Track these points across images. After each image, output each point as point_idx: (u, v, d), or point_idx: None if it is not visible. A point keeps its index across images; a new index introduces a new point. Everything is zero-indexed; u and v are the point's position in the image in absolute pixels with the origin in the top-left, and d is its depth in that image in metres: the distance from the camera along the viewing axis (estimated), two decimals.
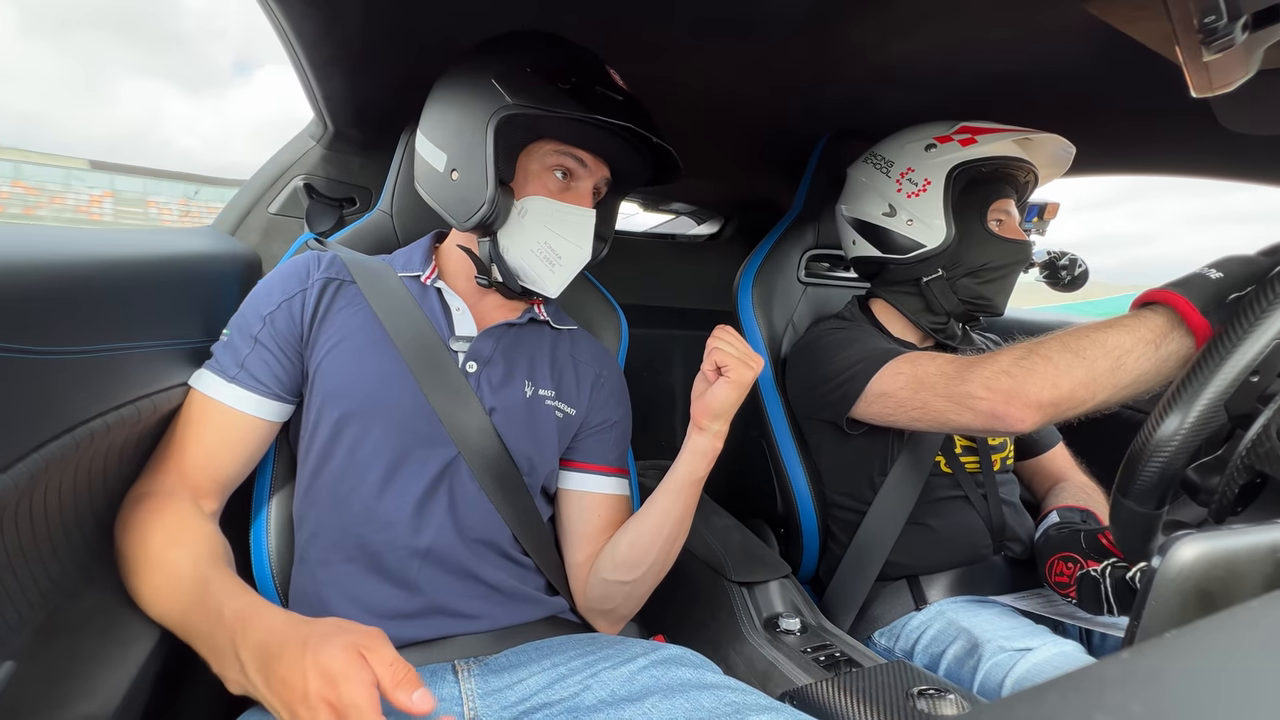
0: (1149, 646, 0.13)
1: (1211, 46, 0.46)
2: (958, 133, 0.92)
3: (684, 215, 1.87)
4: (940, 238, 0.92)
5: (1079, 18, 0.68)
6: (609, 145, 0.73)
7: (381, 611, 0.66)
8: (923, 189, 0.94)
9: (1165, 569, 0.25)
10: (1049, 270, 1.16)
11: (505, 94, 0.65)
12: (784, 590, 0.89)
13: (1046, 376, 0.66)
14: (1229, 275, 0.60)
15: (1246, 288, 0.58)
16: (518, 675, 0.63)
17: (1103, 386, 0.63)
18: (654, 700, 0.58)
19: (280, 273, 0.74)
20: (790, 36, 0.83)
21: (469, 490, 0.70)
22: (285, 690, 0.47)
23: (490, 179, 0.66)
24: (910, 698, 0.63)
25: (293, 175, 1.04)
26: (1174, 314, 0.60)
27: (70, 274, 0.52)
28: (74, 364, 0.50)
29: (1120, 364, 0.62)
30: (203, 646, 0.53)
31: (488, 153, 0.66)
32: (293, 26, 0.77)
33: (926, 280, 0.96)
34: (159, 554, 0.58)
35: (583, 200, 0.73)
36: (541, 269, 0.71)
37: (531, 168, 0.71)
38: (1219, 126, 0.84)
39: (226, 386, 0.67)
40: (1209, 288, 0.59)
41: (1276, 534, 0.24)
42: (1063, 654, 0.75)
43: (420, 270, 0.77)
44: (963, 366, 0.76)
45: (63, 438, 0.49)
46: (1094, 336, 0.64)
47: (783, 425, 1.04)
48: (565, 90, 0.66)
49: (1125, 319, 0.64)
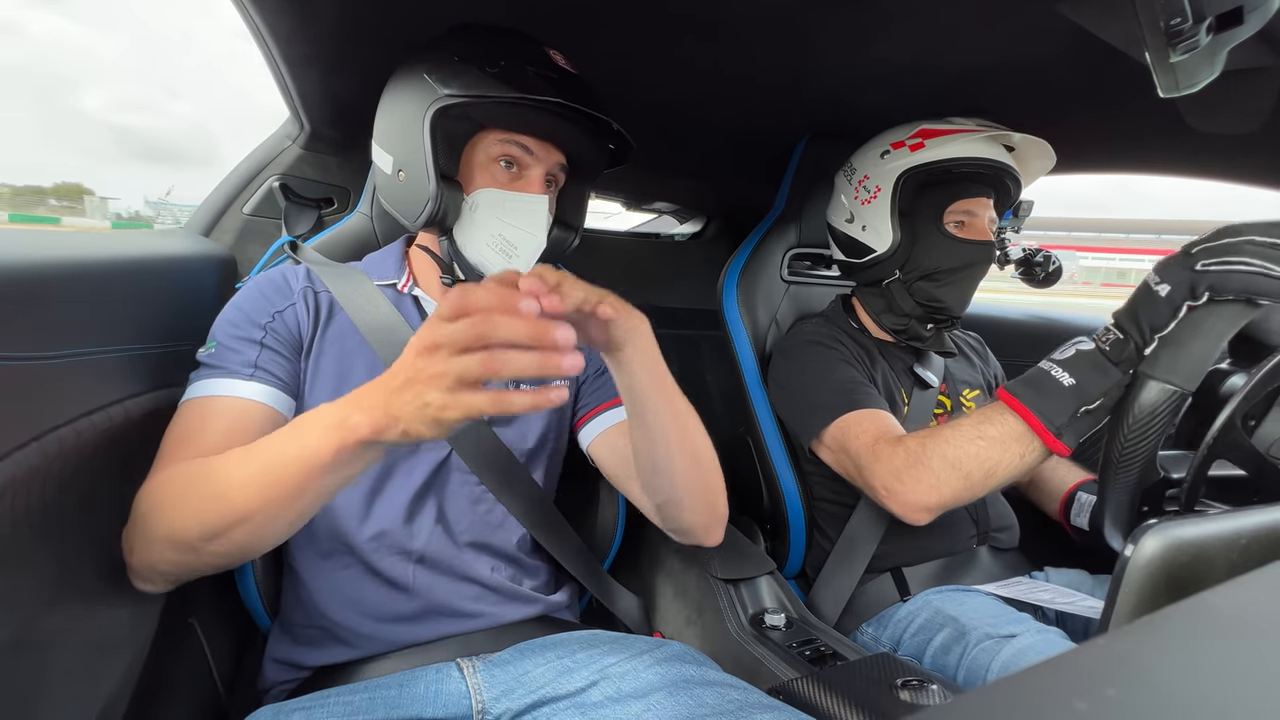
0: (1122, 632, 0.14)
1: (1178, 48, 0.47)
2: (911, 137, 0.94)
3: (666, 215, 1.87)
4: (888, 243, 0.95)
5: (1051, 18, 0.69)
6: (555, 128, 0.70)
7: (380, 615, 0.66)
8: (874, 196, 0.96)
9: (1136, 557, 0.25)
10: (1024, 267, 1.19)
11: (436, 86, 0.65)
12: (769, 586, 0.89)
13: (930, 486, 0.75)
14: (1080, 382, 0.66)
15: (1095, 401, 0.66)
16: (523, 669, 0.63)
17: (979, 490, 0.74)
18: (659, 696, 0.58)
19: (263, 285, 0.71)
20: (764, 37, 0.83)
21: (463, 488, 0.71)
22: (403, 384, 0.44)
23: (431, 174, 0.66)
24: (894, 689, 0.64)
25: (268, 175, 1.02)
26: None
27: (38, 277, 0.50)
28: (43, 369, 0.49)
29: (992, 473, 0.72)
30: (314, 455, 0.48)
31: (425, 148, 0.65)
32: (266, 23, 0.75)
33: (886, 282, 0.99)
34: (218, 464, 0.53)
35: (532, 187, 0.71)
36: (499, 260, 0.70)
37: (477, 160, 0.70)
38: (1186, 126, 0.86)
39: (245, 384, 0.63)
40: (1063, 400, 0.67)
41: (1241, 521, 0.25)
42: (1046, 640, 0.77)
43: (395, 278, 0.76)
44: (870, 457, 0.82)
45: (30, 446, 0.47)
46: (970, 449, 0.73)
47: (769, 422, 1.05)
48: (493, 74, 0.65)
49: (994, 429, 0.72)
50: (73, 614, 0.54)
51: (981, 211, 0.95)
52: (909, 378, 1.01)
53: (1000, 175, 0.93)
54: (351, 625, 0.66)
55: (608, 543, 0.95)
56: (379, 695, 0.60)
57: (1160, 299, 0.61)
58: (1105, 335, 0.66)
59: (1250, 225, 0.59)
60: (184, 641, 0.69)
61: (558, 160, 0.73)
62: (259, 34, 0.78)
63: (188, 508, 0.52)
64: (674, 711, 0.57)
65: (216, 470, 0.52)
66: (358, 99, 0.94)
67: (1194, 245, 0.61)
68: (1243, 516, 0.25)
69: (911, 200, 0.94)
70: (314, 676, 0.67)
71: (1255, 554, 0.24)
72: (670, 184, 1.60)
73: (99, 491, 0.61)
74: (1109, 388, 0.65)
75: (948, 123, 0.93)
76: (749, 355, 1.09)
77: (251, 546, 0.54)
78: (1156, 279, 0.63)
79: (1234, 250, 0.58)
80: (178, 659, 0.68)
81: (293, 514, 0.52)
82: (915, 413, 0.98)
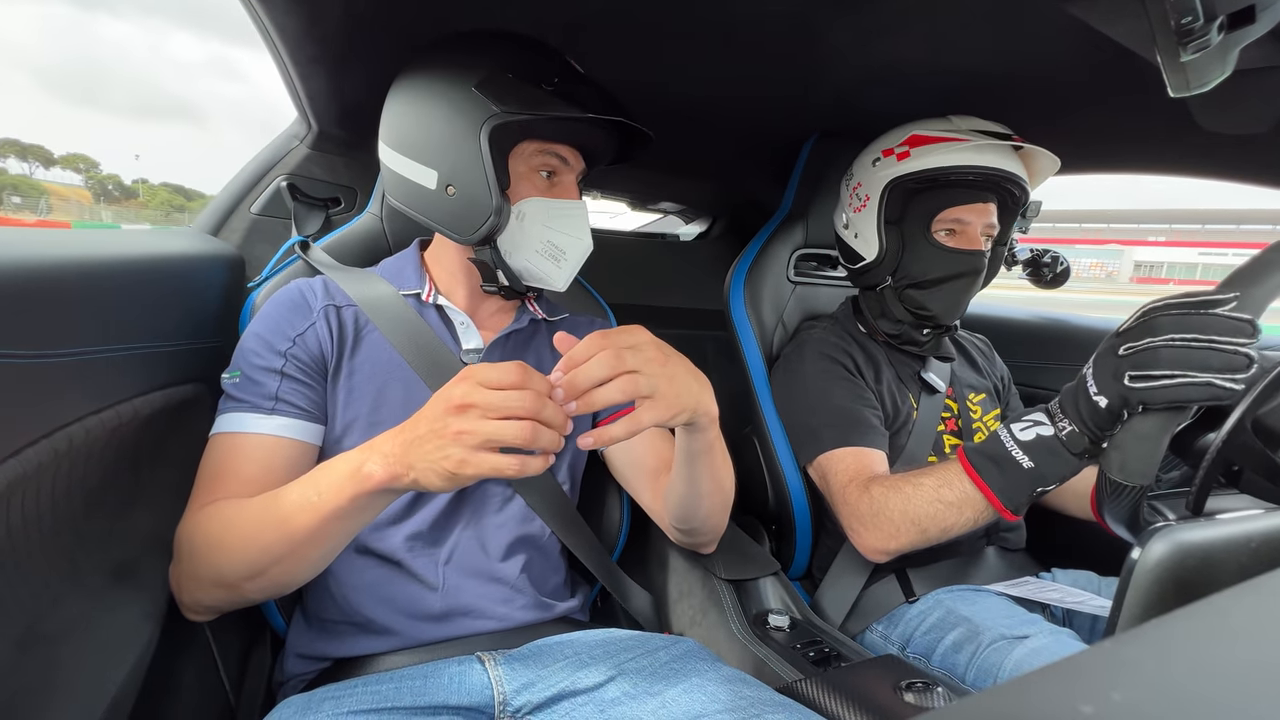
0: (1129, 636, 0.13)
1: (1188, 47, 0.47)
2: (900, 145, 0.93)
3: (672, 215, 1.87)
4: (874, 251, 0.96)
5: (1059, 17, 0.69)
6: (591, 137, 0.74)
7: (413, 612, 0.68)
8: (864, 204, 0.97)
9: (1144, 560, 0.25)
10: (1031, 268, 1.18)
11: (491, 102, 0.65)
12: (773, 587, 0.89)
13: (888, 535, 0.81)
14: (1039, 466, 0.71)
15: (1052, 484, 0.71)
16: (542, 664, 0.65)
17: (934, 542, 0.80)
18: (674, 693, 0.60)
19: (282, 305, 0.71)
20: (773, 38, 0.83)
21: (495, 493, 0.74)
22: (426, 435, 0.49)
23: (494, 191, 0.66)
24: (898, 690, 0.64)
25: (276, 175, 1.03)
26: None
27: (48, 276, 0.51)
28: (53, 367, 0.49)
29: (947, 531, 0.78)
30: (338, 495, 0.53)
31: (486, 165, 0.65)
32: (275, 24, 0.76)
33: (880, 288, 1.00)
34: (250, 510, 0.58)
35: (570, 193, 0.74)
36: (549, 267, 0.72)
37: (520, 170, 0.71)
38: (1197, 125, 0.85)
39: (266, 419, 0.65)
40: (1021, 482, 0.72)
41: (1250, 525, 0.24)
42: (1059, 641, 0.77)
43: (417, 287, 0.77)
44: (840, 498, 0.88)
45: (40, 443, 0.48)
46: (928, 509, 0.78)
47: (776, 424, 1.04)
48: (550, 92, 0.67)
49: (953, 494, 0.76)
50: (81, 611, 0.55)
51: (974, 219, 0.92)
52: (916, 382, 1.00)
53: (998, 180, 0.90)
54: (383, 620, 0.68)
55: (613, 543, 0.95)
56: (405, 685, 0.61)
57: (1101, 410, 0.65)
58: (1061, 422, 0.69)
59: (1168, 311, 0.61)
60: (191, 639, 0.70)
61: (583, 166, 0.76)
62: (267, 34, 0.78)
63: (225, 552, 0.57)
64: (688, 708, 0.59)
65: (249, 516, 0.57)
66: (365, 100, 0.94)
67: (1120, 341, 0.64)
68: (1252, 520, 0.25)
69: (902, 207, 0.94)
70: (333, 668, 0.69)
71: (1265, 557, 0.24)
72: (676, 184, 1.60)
73: (108, 489, 0.62)
74: (1066, 473, 0.70)
75: (943, 126, 0.92)
76: (756, 356, 1.09)
77: (289, 582, 0.59)
78: (1094, 388, 0.65)
79: (1155, 361, 0.59)
80: (184, 657, 0.69)
81: (322, 551, 0.57)
82: (923, 418, 0.97)
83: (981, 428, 1.02)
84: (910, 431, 0.96)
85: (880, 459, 0.91)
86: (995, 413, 1.06)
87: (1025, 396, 1.17)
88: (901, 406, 0.98)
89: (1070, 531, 0.98)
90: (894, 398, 0.98)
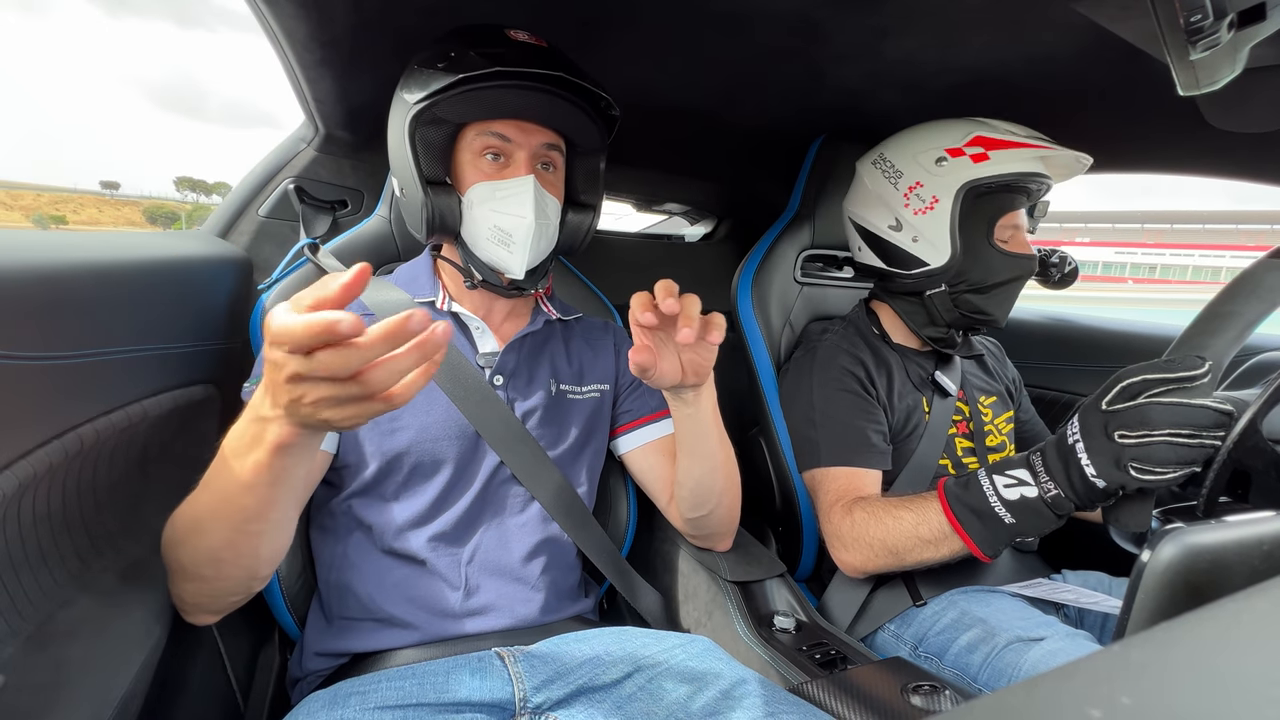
0: (1138, 639, 0.13)
1: (1198, 45, 0.46)
2: (969, 145, 0.89)
3: (677, 216, 1.87)
4: (945, 257, 0.91)
5: (1068, 17, 0.68)
6: (525, 106, 0.69)
7: (438, 609, 0.69)
8: (930, 206, 0.91)
9: (1154, 563, 0.25)
10: (1040, 269, 1.17)
11: (405, 98, 0.68)
12: (780, 589, 0.89)
13: (865, 558, 0.85)
14: (1019, 523, 0.73)
15: (1030, 538, 0.74)
16: (560, 661, 0.65)
17: (908, 567, 0.84)
18: (689, 690, 0.61)
19: None
20: (780, 38, 0.83)
21: (515, 495, 0.75)
22: (269, 389, 0.44)
23: (418, 183, 0.68)
24: (905, 692, 0.63)
25: (283, 178, 1.03)
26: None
27: (60, 279, 0.51)
28: (63, 369, 0.50)
29: (921, 561, 0.81)
30: (250, 453, 0.48)
31: (408, 159, 0.68)
32: (282, 28, 0.76)
33: (930, 294, 0.96)
34: (187, 503, 0.55)
35: (519, 172, 0.70)
36: (501, 253, 0.71)
37: (464, 159, 0.72)
38: (1206, 124, 0.84)
39: None
40: (1000, 534, 0.75)
41: (1262, 528, 0.24)
42: (1075, 643, 0.76)
43: (431, 294, 0.77)
44: (824, 516, 0.91)
45: (51, 444, 0.48)
46: (905, 543, 0.81)
47: (783, 425, 1.04)
48: (442, 69, 0.66)
49: (931, 531, 0.79)
50: (90, 610, 0.55)
51: (1023, 223, 0.94)
52: (929, 385, 1.00)
53: (1039, 185, 0.92)
54: (404, 615, 0.69)
55: (619, 544, 0.95)
56: (429, 682, 0.62)
57: (1098, 489, 0.67)
58: (1046, 483, 0.72)
59: (1154, 393, 0.63)
60: (199, 640, 0.70)
61: (542, 140, 0.72)
62: (275, 38, 0.79)
63: (183, 546, 0.56)
64: (703, 705, 0.59)
65: (188, 510, 0.54)
66: (371, 103, 0.95)
67: (1112, 422, 0.65)
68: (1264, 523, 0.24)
69: (965, 212, 0.91)
70: (350, 663, 0.69)
71: (1277, 560, 0.23)
72: (682, 185, 1.60)
73: (118, 490, 0.62)
74: (1047, 530, 0.74)
75: (997, 129, 0.90)
76: (764, 357, 1.08)
77: (252, 563, 0.56)
78: (1092, 470, 0.67)
79: (1157, 454, 0.62)
80: (193, 657, 0.69)
81: (274, 516, 0.53)
82: (935, 420, 0.97)
83: (994, 430, 1.02)
84: (922, 435, 0.96)
85: (874, 480, 0.91)
86: (1007, 415, 1.05)
87: (1036, 398, 1.16)
88: (913, 410, 0.97)
89: (1080, 533, 0.97)
90: (905, 402, 0.97)
